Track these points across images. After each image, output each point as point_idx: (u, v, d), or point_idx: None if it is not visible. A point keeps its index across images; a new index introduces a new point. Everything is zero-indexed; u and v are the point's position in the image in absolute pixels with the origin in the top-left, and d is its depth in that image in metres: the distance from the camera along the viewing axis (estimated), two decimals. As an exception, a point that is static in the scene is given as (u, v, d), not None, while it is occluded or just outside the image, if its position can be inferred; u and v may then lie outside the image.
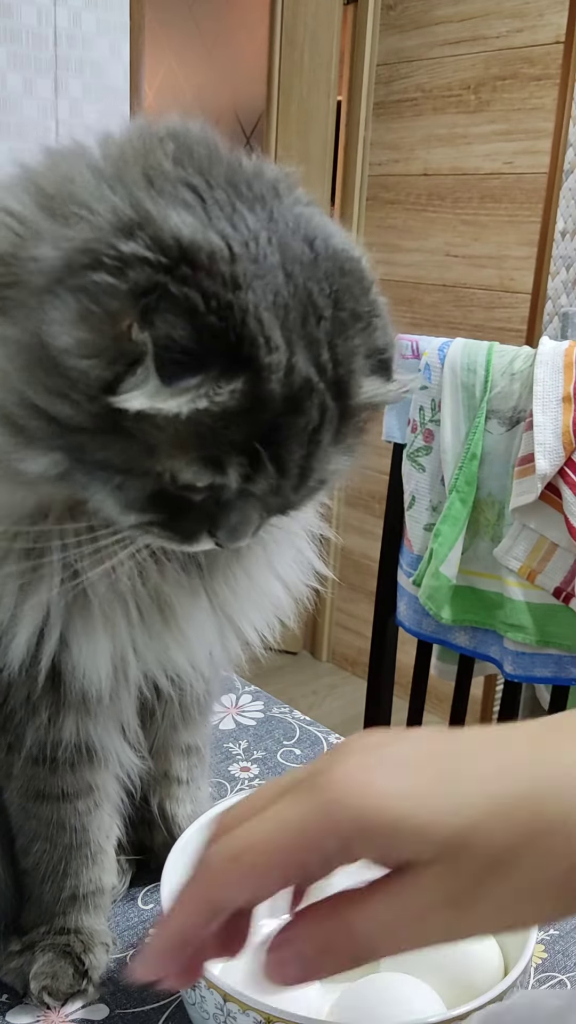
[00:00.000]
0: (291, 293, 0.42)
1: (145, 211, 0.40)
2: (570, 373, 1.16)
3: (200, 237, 0.39)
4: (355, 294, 0.45)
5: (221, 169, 0.44)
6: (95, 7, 1.42)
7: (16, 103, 1.36)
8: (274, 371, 0.40)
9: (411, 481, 1.33)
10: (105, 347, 0.39)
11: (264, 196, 0.44)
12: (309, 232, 0.44)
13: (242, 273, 0.40)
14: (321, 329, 0.43)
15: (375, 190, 2.49)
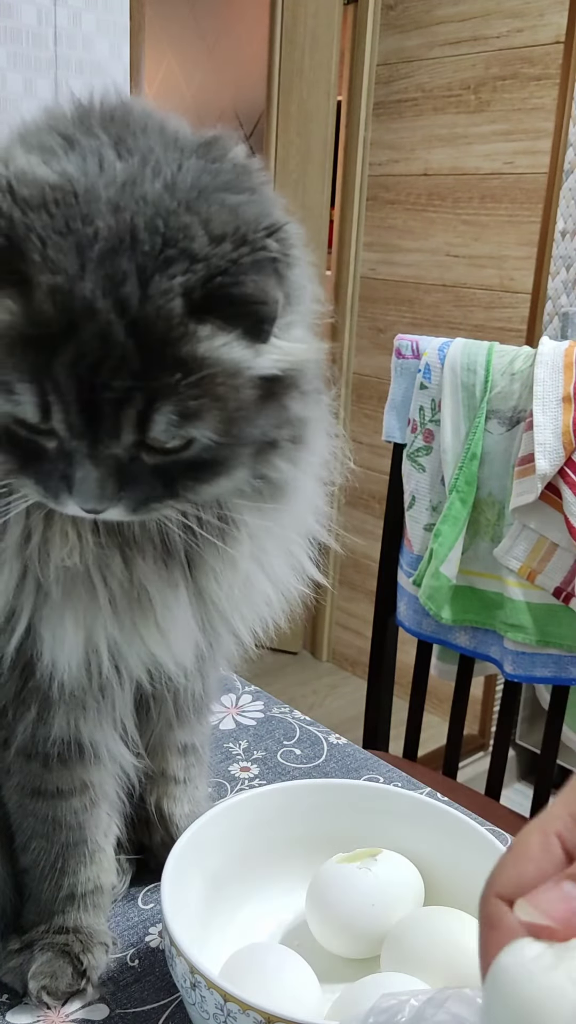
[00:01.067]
0: (109, 225, 0.41)
1: (16, 164, 0.42)
2: (570, 373, 1.16)
3: (28, 171, 0.41)
4: (197, 236, 0.42)
5: (119, 127, 0.45)
6: (95, 7, 1.41)
7: (16, 103, 1.36)
8: (47, 292, 0.40)
9: (411, 481, 1.33)
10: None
11: (152, 148, 0.44)
12: (181, 179, 0.43)
13: (46, 199, 0.41)
14: (133, 262, 0.41)
15: (375, 190, 2.48)
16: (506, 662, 1.25)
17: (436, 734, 1.77)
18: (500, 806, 1.29)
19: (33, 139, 0.45)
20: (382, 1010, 0.39)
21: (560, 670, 1.23)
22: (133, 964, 0.61)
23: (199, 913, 0.60)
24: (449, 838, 0.64)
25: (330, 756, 0.86)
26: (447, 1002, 0.38)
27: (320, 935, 0.62)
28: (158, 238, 0.42)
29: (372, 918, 0.60)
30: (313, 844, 0.65)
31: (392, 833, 0.65)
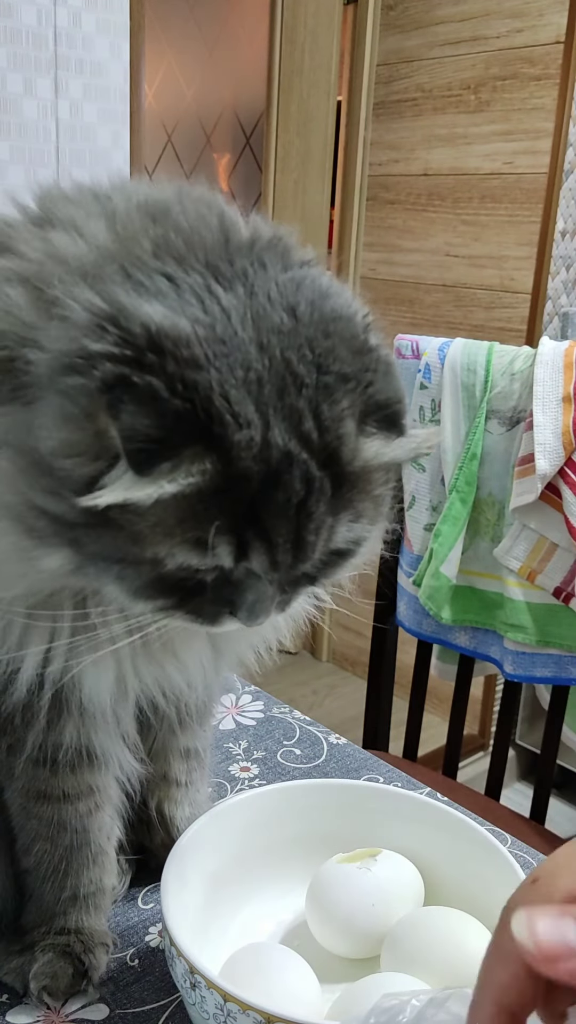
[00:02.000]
0: (266, 366, 0.41)
1: (119, 305, 0.40)
2: (570, 373, 1.16)
3: (167, 324, 0.39)
4: (342, 355, 0.43)
5: (202, 250, 0.44)
6: (95, 7, 1.41)
7: (16, 103, 1.36)
8: (245, 448, 0.40)
9: (411, 481, 1.33)
10: (86, 445, 0.39)
11: (245, 271, 0.43)
12: (292, 300, 0.43)
13: (206, 353, 0.40)
14: (303, 397, 0.42)
15: (375, 190, 2.48)
16: (506, 662, 1.25)
17: (436, 734, 1.77)
18: (500, 806, 1.29)
19: (113, 274, 0.42)
20: (383, 1010, 0.39)
21: (560, 670, 1.23)
22: (133, 964, 0.61)
23: (199, 913, 0.60)
24: (449, 838, 0.64)
25: (330, 756, 0.86)
26: (448, 1002, 0.38)
27: (320, 935, 0.62)
28: (312, 368, 0.42)
29: (372, 918, 0.60)
30: (313, 844, 0.65)
31: (392, 833, 0.65)
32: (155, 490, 0.39)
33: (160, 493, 0.39)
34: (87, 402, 0.39)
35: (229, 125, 2.53)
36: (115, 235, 0.45)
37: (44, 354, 0.41)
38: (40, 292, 0.43)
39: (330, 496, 0.43)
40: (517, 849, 0.77)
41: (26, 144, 1.39)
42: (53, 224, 0.46)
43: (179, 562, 0.42)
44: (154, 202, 0.46)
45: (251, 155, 2.49)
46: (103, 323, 0.40)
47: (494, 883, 0.60)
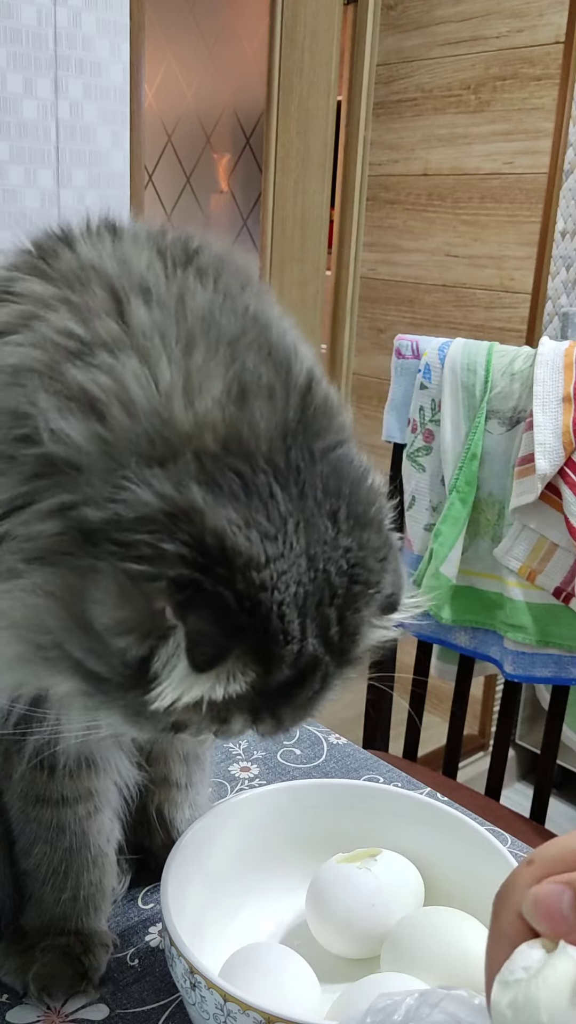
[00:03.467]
0: (311, 579, 0.43)
1: (194, 505, 0.40)
2: (570, 373, 1.16)
3: (240, 541, 0.41)
4: (370, 565, 0.46)
5: (267, 441, 0.43)
6: (95, 7, 1.41)
7: (16, 103, 1.36)
8: (287, 659, 0.43)
9: (411, 481, 1.33)
10: (139, 623, 0.40)
11: (298, 467, 0.44)
12: (334, 504, 0.44)
13: (272, 574, 0.42)
14: (334, 607, 0.44)
15: (375, 190, 2.48)
16: (506, 662, 1.25)
17: (436, 734, 1.77)
18: (500, 806, 1.29)
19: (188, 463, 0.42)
20: (378, 1010, 0.39)
21: (560, 670, 1.23)
22: (133, 964, 0.61)
23: (199, 913, 0.60)
24: (449, 838, 0.64)
25: (330, 756, 0.86)
26: (442, 1001, 0.38)
27: (320, 935, 0.62)
28: (345, 579, 0.45)
29: (372, 918, 0.60)
30: (313, 844, 0.65)
31: (392, 833, 0.65)
32: (207, 690, 0.42)
33: (210, 696, 0.42)
34: (152, 589, 0.40)
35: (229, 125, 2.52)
36: (193, 404, 0.43)
37: (102, 518, 0.41)
38: (107, 445, 0.41)
39: (334, 684, 0.47)
40: (517, 849, 0.77)
41: (26, 144, 1.38)
42: (126, 348, 0.43)
43: (198, 729, 0.45)
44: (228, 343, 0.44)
45: (251, 155, 2.49)
46: (177, 520, 0.40)
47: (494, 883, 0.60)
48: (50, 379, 0.42)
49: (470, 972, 0.55)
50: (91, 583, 0.40)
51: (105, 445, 0.41)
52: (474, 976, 0.54)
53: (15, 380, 0.43)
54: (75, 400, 0.42)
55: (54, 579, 0.42)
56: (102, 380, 0.42)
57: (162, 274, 0.46)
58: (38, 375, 0.42)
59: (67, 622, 0.42)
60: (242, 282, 0.48)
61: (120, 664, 0.41)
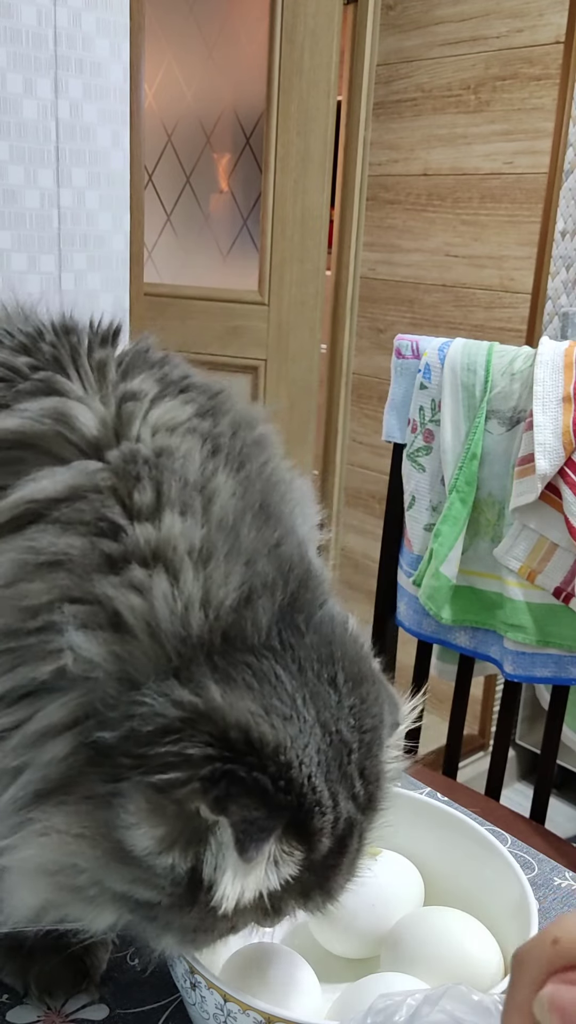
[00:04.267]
0: (328, 744, 0.45)
1: (211, 704, 0.41)
2: (570, 373, 1.16)
3: (265, 730, 0.42)
4: (372, 711, 0.47)
5: (268, 634, 0.45)
6: (95, 7, 1.41)
7: (16, 103, 1.36)
8: (326, 829, 0.44)
9: (411, 481, 1.33)
10: (180, 833, 0.40)
11: (291, 643, 0.46)
12: (330, 671, 0.46)
13: (297, 752, 0.43)
14: (353, 763, 0.46)
15: (375, 190, 2.48)
16: (506, 662, 1.25)
17: (436, 734, 1.77)
18: (500, 806, 1.29)
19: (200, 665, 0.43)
20: (379, 1010, 0.39)
21: (560, 670, 1.23)
22: (133, 964, 0.61)
23: (199, 913, 0.59)
24: (449, 838, 0.64)
25: (330, 756, 0.86)
26: (442, 1000, 0.38)
27: (320, 935, 0.62)
28: (356, 732, 0.46)
29: (372, 918, 0.60)
30: (313, 844, 0.65)
31: (392, 833, 0.65)
32: (262, 880, 0.42)
33: (267, 884, 0.43)
34: (183, 794, 0.40)
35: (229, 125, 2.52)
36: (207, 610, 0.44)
37: (118, 736, 0.41)
38: (124, 663, 0.42)
39: (369, 834, 0.48)
40: (517, 849, 0.77)
41: (26, 144, 1.38)
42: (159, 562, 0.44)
43: (250, 923, 0.46)
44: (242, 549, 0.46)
45: (251, 155, 2.49)
46: (196, 724, 0.41)
47: (494, 883, 0.60)
48: (79, 583, 0.42)
49: (470, 972, 0.55)
50: (119, 809, 0.40)
51: (122, 663, 0.42)
52: (474, 976, 0.55)
53: (43, 572, 0.43)
54: (99, 615, 0.42)
55: (77, 818, 0.41)
56: (134, 601, 0.42)
57: (202, 466, 0.47)
58: (68, 573, 0.43)
59: (103, 858, 0.41)
60: (261, 462, 0.51)
61: (169, 884, 0.41)
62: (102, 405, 0.48)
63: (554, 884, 0.73)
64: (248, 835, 0.40)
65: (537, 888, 0.72)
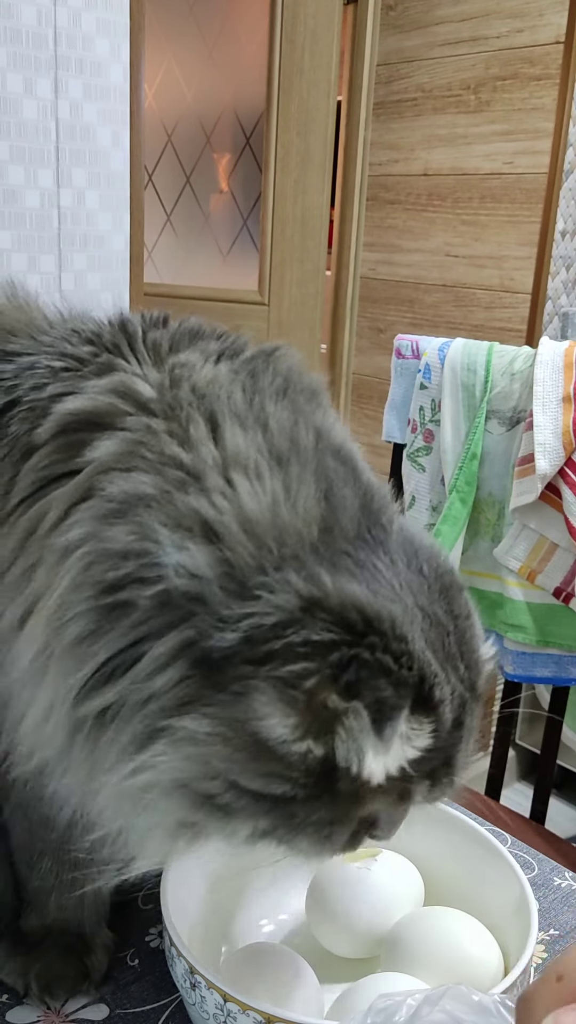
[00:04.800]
0: (430, 624, 0.45)
1: (326, 589, 0.42)
2: (570, 373, 1.16)
3: (377, 607, 0.42)
4: (457, 599, 0.49)
5: (357, 525, 0.47)
6: (95, 7, 1.41)
7: (16, 103, 1.36)
8: (446, 702, 0.44)
9: (411, 481, 1.33)
10: (310, 724, 0.41)
11: (380, 539, 0.47)
12: (415, 562, 0.48)
13: (407, 626, 0.43)
14: (453, 643, 0.47)
15: (375, 190, 2.48)
16: (506, 662, 1.25)
17: (436, 734, 1.77)
18: (500, 806, 1.29)
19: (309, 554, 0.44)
20: (379, 1010, 0.39)
21: (560, 670, 1.23)
22: (133, 964, 0.61)
23: (199, 913, 0.60)
24: (449, 838, 0.64)
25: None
26: (442, 1000, 0.38)
27: (320, 935, 0.62)
28: (450, 616, 0.47)
29: (372, 918, 0.60)
30: (313, 844, 0.65)
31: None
32: (398, 751, 0.42)
33: (407, 756, 0.43)
34: (314, 683, 0.40)
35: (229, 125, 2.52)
36: (296, 503, 0.45)
37: (236, 639, 0.41)
38: (230, 566, 0.42)
39: (478, 719, 0.49)
40: (517, 849, 0.77)
41: (26, 144, 1.38)
42: (235, 468, 0.45)
43: (387, 818, 0.47)
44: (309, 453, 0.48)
45: (251, 155, 2.49)
46: (313, 611, 0.41)
47: (494, 883, 0.60)
48: (163, 510, 0.43)
49: (470, 972, 0.55)
50: (253, 703, 0.40)
51: (228, 567, 0.42)
52: (474, 976, 0.55)
53: (122, 513, 0.43)
54: (192, 528, 0.43)
55: (208, 720, 0.41)
56: (221, 503, 0.43)
57: (247, 399, 0.49)
58: (146, 507, 0.43)
59: (237, 754, 0.41)
60: (307, 398, 0.52)
61: (303, 774, 0.41)
62: (157, 373, 0.50)
63: (554, 884, 0.73)
64: (382, 714, 0.41)
65: (537, 888, 0.72)
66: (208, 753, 0.41)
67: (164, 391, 0.49)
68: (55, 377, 0.50)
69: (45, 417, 0.48)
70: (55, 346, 0.53)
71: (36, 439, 0.48)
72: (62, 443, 0.47)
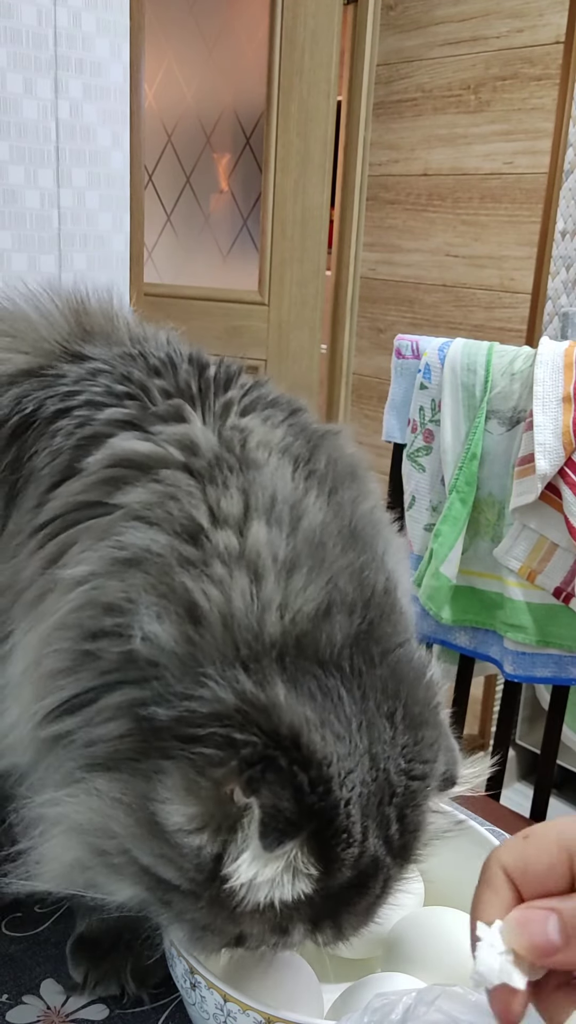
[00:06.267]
0: (373, 779, 0.44)
1: (273, 701, 0.41)
2: (570, 373, 1.16)
3: (316, 739, 0.41)
4: (426, 757, 0.46)
5: (340, 654, 0.45)
6: (95, 7, 1.41)
7: (16, 103, 1.36)
8: (347, 860, 0.43)
9: (411, 481, 1.33)
10: (212, 816, 0.40)
11: (361, 670, 0.45)
12: (391, 706, 0.45)
13: (340, 771, 0.42)
14: (393, 806, 0.44)
15: (375, 190, 2.48)
16: (506, 662, 1.25)
17: (436, 734, 1.77)
18: (500, 806, 1.29)
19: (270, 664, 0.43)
20: (375, 1009, 0.39)
21: (560, 670, 1.23)
22: (133, 964, 0.61)
23: (199, 913, 0.59)
24: (449, 838, 0.64)
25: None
26: (437, 1000, 0.39)
27: (320, 935, 0.62)
28: (403, 776, 0.45)
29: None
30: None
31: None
32: (275, 880, 0.41)
33: (279, 891, 0.41)
34: (219, 773, 0.40)
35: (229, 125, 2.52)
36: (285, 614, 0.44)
37: (174, 715, 0.41)
38: (195, 649, 0.43)
39: (394, 882, 0.47)
40: (517, 849, 0.77)
41: (26, 144, 1.38)
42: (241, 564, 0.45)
43: (259, 940, 0.45)
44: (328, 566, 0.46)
45: (251, 155, 2.49)
46: (251, 716, 0.41)
47: (494, 883, 0.60)
48: (158, 578, 0.44)
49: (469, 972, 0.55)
50: (158, 784, 0.41)
51: (192, 647, 0.42)
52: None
53: (126, 565, 0.44)
54: (176, 603, 0.43)
55: (119, 784, 0.42)
56: (212, 592, 0.43)
57: (295, 483, 0.48)
58: (147, 568, 0.44)
59: (135, 827, 0.42)
60: (355, 495, 0.51)
61: (193, 867, 0.41)
62: (220, 433, 0.50)
63: (554, 884, 0.73)
64: (274, 822, 0.40)
65: (537, 888, 0.72)
66: (111, 816, 0.42)
67: (219, 451, 0.48)
68: (116, 400, 0.50)
69: (97, 442, 0.48)
70: (121, 365, 0.53)
71: (83, 464, 0.48)
72: (108, 476, 0.47)
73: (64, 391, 0.51)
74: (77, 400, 0.50)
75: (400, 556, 0.54)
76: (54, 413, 0.50)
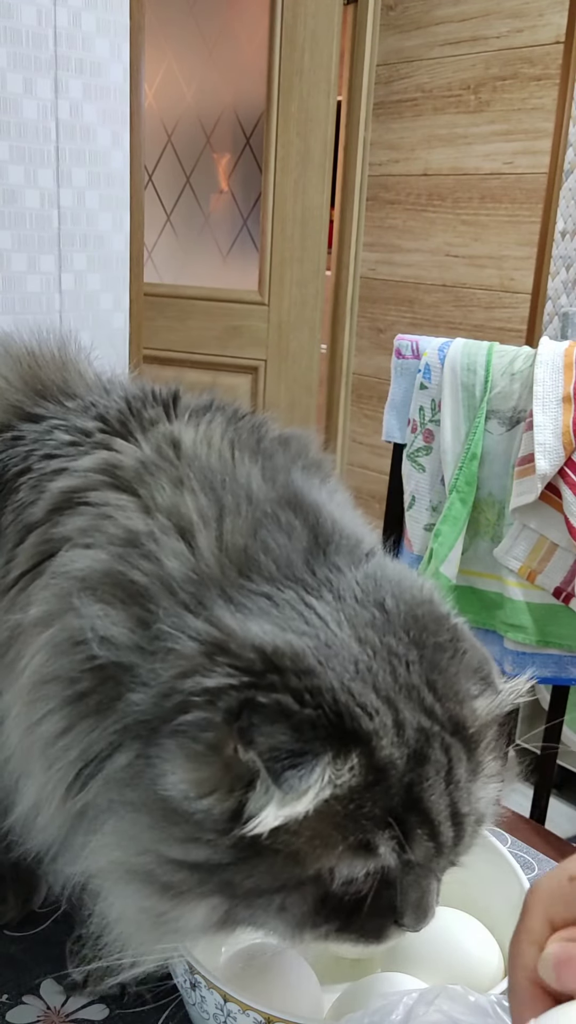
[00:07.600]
0: (371, 655, 0.42)
1: (228, 630, 0.41)
2: (570, 373, 1.16)
3: (279, 642, 0.40)
4: (432, 630, 0.46)
5: (290, 567, 0.45)
6: (95, 7, 1.41)
7: (16, 103, 1.36)
8: (383, 734, 0.40)
9: (411, 481, 1.33)
10: (218, 779, 0.39)
11: (328, 579, 0.45)
12: (377, 596, 0.45)
13: (318, 660, 0.40)
14: (414, 674, 0.43)
15: (375, 190, 2.49)
16: (506, 662, 1.25)
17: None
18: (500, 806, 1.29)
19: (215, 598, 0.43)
20: (376, 1010, 0.39)
21: (560, 670, 1.23)
22: (133, 964, 0.61)
23: (199, 913, 0.59)
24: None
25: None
26: (437, 1000, 0.38)
27: (320, 935, 0.62)
28: (413, 647, 0.44)
29: (372, 918, 0.60)
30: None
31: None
32: (309, 800, 0.38)
33: (315, 801, 0.38)
34: (212, 735, 0.39)
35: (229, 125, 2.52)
36: (219, 552, 0.45)
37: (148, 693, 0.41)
38: (146, 626, 0.43)
39: (467, 761, 0.44)
40: (517, 849, 0.77)
41: (26, 144, 1.38)
42: (171, 532, 0.46)
43: (344, 875, 0.41)
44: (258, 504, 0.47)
45: (251, 155, 2.49)
46: (212, 652, 0.40)
47: (494, 883, 0.60)
48: (103, 586, 0.44)
49: (470, 972, 0.55)
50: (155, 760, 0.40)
51: (143, 627, 0.42)
52: (473, 976, 0.54)
53: (78, 593, 0.44)
54: (115, 594, 0.43)
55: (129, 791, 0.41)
56: (144, 565, 0.44)
57: (230, 457, 0.50)
58: (91, 590, 0.44)
59: (155, 823, 0.40)
60: (294, 455, 0.52)
61: (217, 834, 0.39)
62: (146, 447, 0.51)
63: (554, 884, 0.73)
64: (280, 762, 0.37)
65: (537, 888, 0.72)
66: (134, 826, 0.41)
67: (147, 457, 0.50)
68: (62, 450, 0.52)
69: (42, 490, 0.50)
70: (71, 419, 0.54)
71: (32, 517, 0.49)
72: (49, 518, 0.49)
73: (24, 451, 0.52)
74: (34, 457, 0.52)
75: (344, 502, 0.54)
76: (15, 473, 0.52)
